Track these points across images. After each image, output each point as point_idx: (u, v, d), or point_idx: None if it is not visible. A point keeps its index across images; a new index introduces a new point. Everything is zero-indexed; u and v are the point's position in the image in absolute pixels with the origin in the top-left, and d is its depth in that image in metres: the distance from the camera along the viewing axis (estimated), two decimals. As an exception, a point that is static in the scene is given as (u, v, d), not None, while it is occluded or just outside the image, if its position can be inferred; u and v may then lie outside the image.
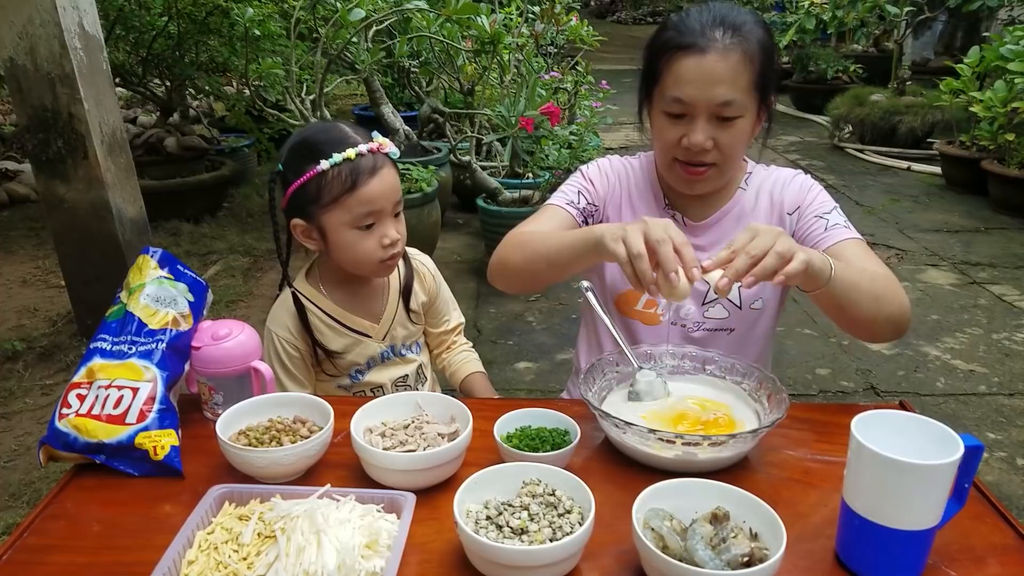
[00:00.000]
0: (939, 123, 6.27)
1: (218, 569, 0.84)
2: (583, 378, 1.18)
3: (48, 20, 2.74)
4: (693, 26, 1.25)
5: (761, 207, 1.42)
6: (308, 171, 1.30)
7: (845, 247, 1.31)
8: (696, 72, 1.24)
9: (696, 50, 1.23)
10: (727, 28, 1.24)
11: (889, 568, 0.86)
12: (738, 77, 1.24)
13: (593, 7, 20.05)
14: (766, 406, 1.14)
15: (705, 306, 1.41)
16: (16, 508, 2.27)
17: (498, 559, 0.83)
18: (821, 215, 1.38)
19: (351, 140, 1.33)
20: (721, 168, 1.32)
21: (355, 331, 1.47)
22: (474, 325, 3.53)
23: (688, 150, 1.28)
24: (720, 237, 1.41)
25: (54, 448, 1.10)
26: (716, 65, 1.23)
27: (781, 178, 1.44)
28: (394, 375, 1.53)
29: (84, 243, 3.09)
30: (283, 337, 1.43)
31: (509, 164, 4.12)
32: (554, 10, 4.33)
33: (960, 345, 3.33)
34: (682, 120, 1.28)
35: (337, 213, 1.33)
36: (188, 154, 4.93)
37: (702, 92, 1.24)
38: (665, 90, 1.28)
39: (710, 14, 1.26)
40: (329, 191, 1.31)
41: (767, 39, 1.27)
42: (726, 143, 1.28)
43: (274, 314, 1.45)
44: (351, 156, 1.30)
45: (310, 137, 1.35)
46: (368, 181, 1.32)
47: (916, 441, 0.86)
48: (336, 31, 3.34)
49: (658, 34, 1.31)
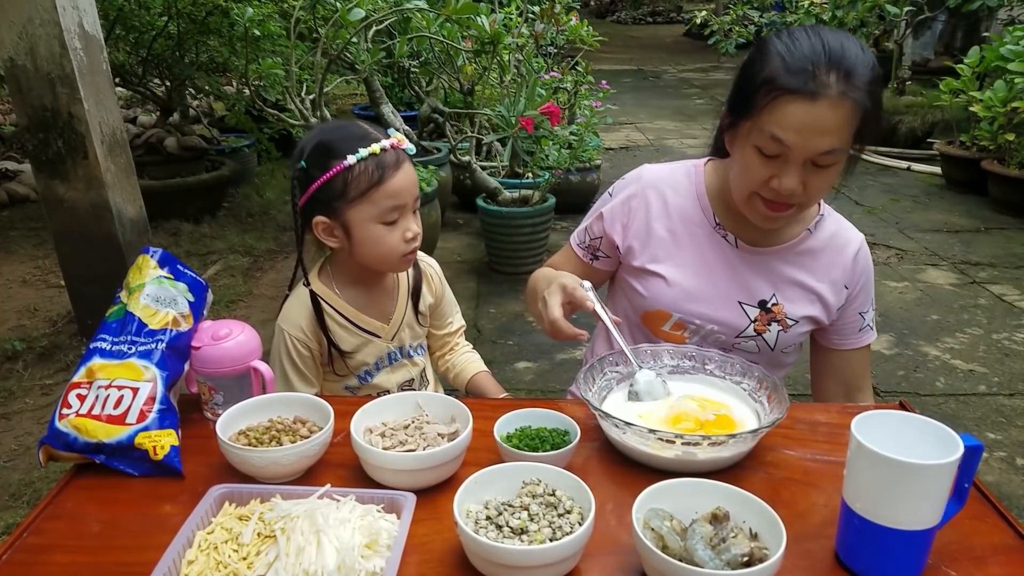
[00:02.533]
0: (939, 123, 6.27)
1: (218, 569, 0.84)
2: (583, 378, 1.18)
3: (48, 20, 2.74)
4: (804, 65, 1.13)
5: (825, 263, 1.39)
6: (334, 166, 1.30)
7: (861, 356, 1.46)
8: (804, 120, 1.13)
9: (806, 95, 1.12)
10: (841, 72, 1.12)
11: (889, 568, 0.86)
12: (844, 127, 1.15)
13: (593, 7, 20.05)
14: (766, 406, 1.14)
15: (738, 339, 1.39)
16: (16, 508, 2.28)
17: (498, 559, 0.83)
18: (862, 312, 1.42)
19: (373, 136, 1.34)
20: (803, 207, 1.28)
21: (366, 331, 1.47)
22: (474, 325, 3.53)
23: (777, 192, 1.21)
24: (773, 271, 1.38)
25: (54, 448, 1.09)
26: (826, 115, 1.13)
27: (852, 243, 1.41)
28: (400, 379, 1.54)
29: (84, 243, 3.09)
30: (295, 336, 1.42)
31: (509, 164, 4.12)
32: (554, 10, 4.33)
33: (960, 345, 3.33)
34: (775, 160, 1.19)
35: (364, 207, 1.33)
36: (188, 154, 4.93)
37: (806, 141, 1.15)
38: (763, 126, 1.17)
39: (823, 50, 1.13)
40: (356, 185, 1.32)
41: (878, 83, 1.17)
42: (815, 187, 1.21)
43: (286, 313, 1.45)
44: (376, 151, 1.31)
45: (332, 134, 1.36)
46: (393, 175, 1.34)
47: (916, 441, 0.86)
48: (336, 31, 3.34)
49: (761, 61, 1.19)
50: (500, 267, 4.16)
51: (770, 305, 1.37)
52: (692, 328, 1.39)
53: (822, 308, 1.39)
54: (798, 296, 1.38)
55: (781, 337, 1.38)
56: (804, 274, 1.38)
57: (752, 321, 1.37)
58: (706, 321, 1.38)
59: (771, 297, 1.37)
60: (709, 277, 1.38)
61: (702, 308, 1.37)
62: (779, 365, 1.45)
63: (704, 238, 1.39)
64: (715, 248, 1.38)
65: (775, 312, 1.37)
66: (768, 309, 1.37)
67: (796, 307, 1.38)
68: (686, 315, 1.38)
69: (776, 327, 1.38)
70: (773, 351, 1.39)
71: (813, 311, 1.38)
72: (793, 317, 1.38)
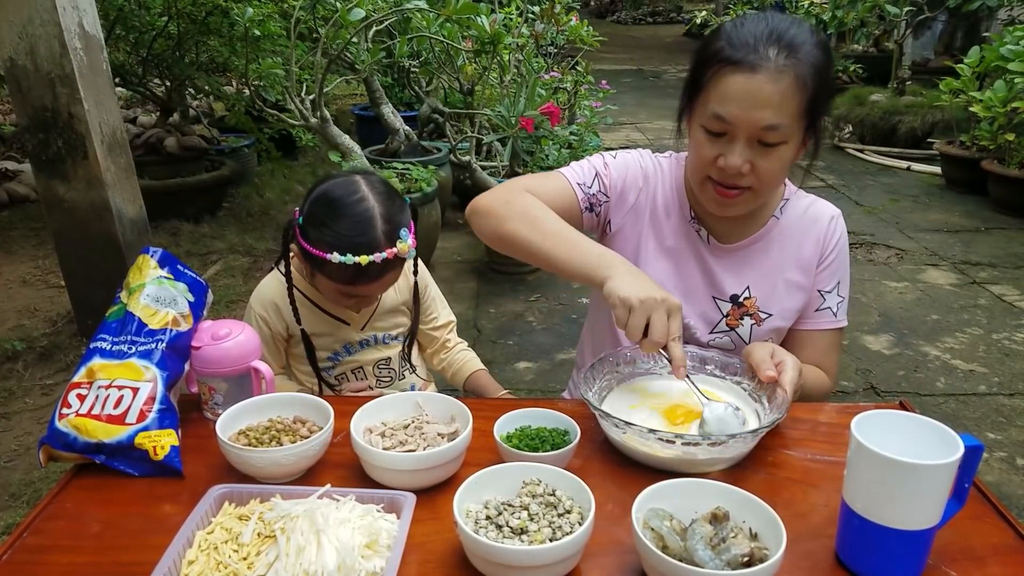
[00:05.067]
0: (939, 123, 6.27)
1: (218, 569, 0.84)
2: (583, 378, 1.18)
3: (48, 20, 2.74)
4: (747, 39, 1.14)
5: (796, 243, 1.36)
6: (319, 249, 1.32)
7: (819, 338, 1.39)
8: (742, 91, 1.14)
9: (746, 67, 1.13)
10: (783, 46, 1.13)
11: (889, 568, 0.86)
12: (787, 102, 1.14)
13: (593, 7, 20.07)
14: (766, 406, 1.14)
15: (712, 335, 1.38)
16: (16, 508, 2.28)
17: (498, 559, 0.83)
18: (822, 291, 1.38)
19: (376, 244, 1.32)
20: (756, 193, 1.24)
21: (334, 316, 1.52)
22: (474, 325, 3.53)
23: (723, 171, 1.20)
24: (745, 264, 1.37)
25: (54, 448, 1.10)
26: (765, 87, 1.13)
27: (823, 216, 1.37)
28: (375, 357, 1.58)
29: (84, 243, 3.09)
30: (258, 313, 1.50)
31: (509, 164, 4.11)
32: (554, 10, 4.33)
33: (960, 345, 3.33)
34: (721, 139, 1.19)
35: (331, 283, 1.39)
36: (188, 154, 4.93)
37: (746, 113, 1.14)
38: (707, 104, 1.18)
39: (767, 27, 1.15)
40: (330, 272, 1.35)
41: (824, 62, 1.17)
42: (764, 169, 1.19)
43: (258, 290, 1.52)
44: (362, 263, 1.31)
45: (337, 216, 1.33)
46: (366, 285, 1.37)
47: (916, 441, 0.86)
48: (336, 31, 3.34)
49: (709, 41, 1.21)
50: (500, 267, 4.16)
51: (742, 299, 1.37)
52: None
53: (798, 294, 1.37)
54: (772, 288, 1.36)
55: (755, 331, 1.37)
56: (776, 263, 1.36)
57: (724, 316, 1.37)
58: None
59: (743, 291, 1.37)
60: (683, 271, 1.38)
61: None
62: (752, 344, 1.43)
63: (681, 232, 1.38)
64: (689, 242, 1.37)
65: (747, 306, 1.37)
66: (740, 303, 1.37)
67: (771, 299, 1.36)
68: None
69: (748, 321, 1.37)
70: (748, 345, 1.38)
71: (791, 302, 1.36)
72: (767, 310, 1.36)
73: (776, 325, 1.37)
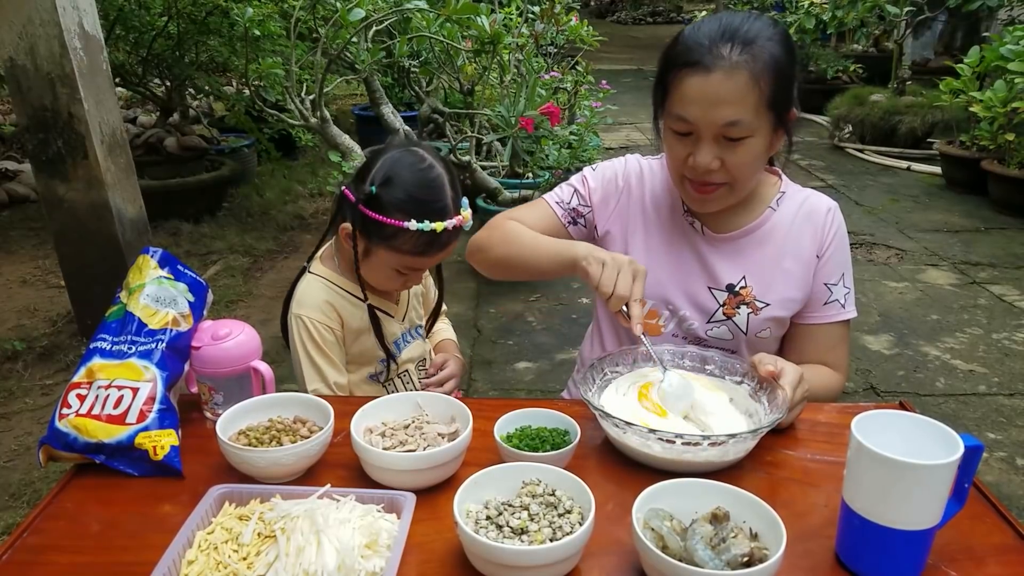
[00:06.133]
0: (939, 123, 6.27)
1: (218, 569, 0.84)
2: (583, 377, 1.18)
3: (48, 20, 2.74)
4: (701, 40, 1.18)
5: (794, 235, 1.37)
6: (396, 219, 1.31)
7: (828, 332, 1.39)
8: (699, 92, 1.18)
9: (701, 68, 1.17)
10: (736, 43, 1.16)
11: (889, 568, 0.86)
12: (745, 97, 1.16)
13: (593, 7, 20.06)
14: (766, 406, 1.14)
15: (710, 324, 1.39)
16: (16, 508, 2.28)
17: (498, 559, 0.83)
18: (828, 283, 1.38)
19: (447, 211, 1.35)
20: (732, 187, 1.27)
21: (379, 308, 1.48)
22: (474, 325, 3.53)
23: (694, 169, 1.24)
24: (740, 254, 1.38)
25: (54, 448, 1.10)
26: (720, 85, 1.16)
27: (820, 208, 1.39)
28: (416, 355, 1.57)
29: (84, 243, 3.09)
30: (315, 319, 1.40)
31: (509, 164, 4.11)
32: (554, 10, 4.32)
33: (960, 345, 3.33)
34: (688, 138, 1.23)
35: (393, 256, 1.37)
36: (188, 154, 4.93)
37: (705, 112, 1.18)
38: (672, 107, 1.23)
39: (720, 26, 1.18)
40: (401, 243, 1.34)
41: (782, 53, 1.19)
42: (734, 164, 1.23)
43: (301, 299, 1.43)
44: (437, 230, 1.32)
45: (415, 183, 1.34)
46: (433, 255, 1.39)
47: (916, 441, 0.86)
48: (336, 31, 3.34)
49: (669, 46, 1.25)
50: (500, 267, 4.15)
51: (738, 288, 1.37)
52: (665, 316, 1.41)
53: (796, 284, 1.37)
54: (768, 277, 1.37)
55: (752, 320, 1.37)
56: (773, 253, 1.37)
57: (720, 305, 1.38)
58: (678, 307, 1.39)
59: (740, 281, 1.37)
60: (679, 264, 1.39)
61: (672, 294, 1.39)
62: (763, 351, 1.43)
63: (674, 225, 1.41)
64: (684, 235, 1.40)
65: (743, 295, 1.37)
66: (736, 292, 1.37)
67: (767, 289, 1.37)
68: (658, 301, 1.40)
69: (746, 310, 1.37)
70: (747, 335, 1.38)
71: (787, 292, 1.37)
72: (764, 300, 1.37)
73: (774, 315, 1.37)
